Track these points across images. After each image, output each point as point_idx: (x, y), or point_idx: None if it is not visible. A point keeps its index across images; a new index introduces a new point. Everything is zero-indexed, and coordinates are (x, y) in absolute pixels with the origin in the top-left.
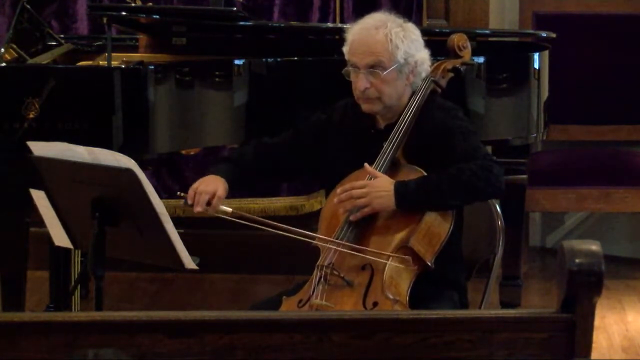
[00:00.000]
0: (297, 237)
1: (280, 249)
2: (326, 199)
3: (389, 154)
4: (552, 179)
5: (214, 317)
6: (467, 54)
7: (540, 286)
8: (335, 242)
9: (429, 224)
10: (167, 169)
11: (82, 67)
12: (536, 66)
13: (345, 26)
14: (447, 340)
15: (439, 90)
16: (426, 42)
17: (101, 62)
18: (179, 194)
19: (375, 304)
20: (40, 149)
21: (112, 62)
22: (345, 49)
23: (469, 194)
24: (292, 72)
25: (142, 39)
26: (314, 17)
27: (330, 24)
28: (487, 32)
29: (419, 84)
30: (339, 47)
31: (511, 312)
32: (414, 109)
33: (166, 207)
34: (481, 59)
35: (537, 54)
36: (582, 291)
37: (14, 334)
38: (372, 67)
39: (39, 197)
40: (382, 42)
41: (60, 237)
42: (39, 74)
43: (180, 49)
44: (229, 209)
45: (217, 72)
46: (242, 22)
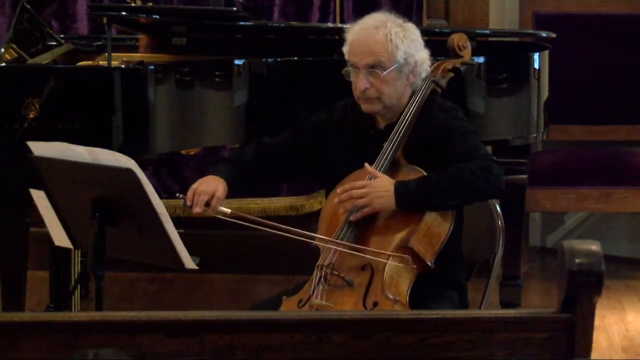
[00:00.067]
0: (297, 237)
1: (280, 249)
2: (326, 199)
3: (389, 154)
4: (552, 179)
5: (214, 317)
6: (467, 54)
7: (540, 286)
8: (335, 242)
9: (429, 224)
10: (167, 169)
11: (82, 67)
12: (536, 66)
13: (345, 26)
14: (447, 340)
15: (439, 90)
16: (426, 42)
17: (101, 62)
18: (178, 196)
19: (375, 304)
20: (40, 149)
21: (112, 62)
22: (345, 49)
23: (469, 194)
24: (292, 72)
25: (142, 39)
26: (314, 17)
27: (330, 24)
28: (487, 32)
29: (419, 84)
30: (339, 47)
31: (511, 312)
32: (414, 109)
33: (166, 207)
34: (481, 59)
35: (537, 54)
36: (582, 291)
37: (14, 334)
38: (372, 67)
39: (39, 197)
40: (382, 42)
41: (60, 237)
42: (39, 74)
43: (180, 49)
44: (228, 210)
45: (217, 72)
46: (242, 22)
